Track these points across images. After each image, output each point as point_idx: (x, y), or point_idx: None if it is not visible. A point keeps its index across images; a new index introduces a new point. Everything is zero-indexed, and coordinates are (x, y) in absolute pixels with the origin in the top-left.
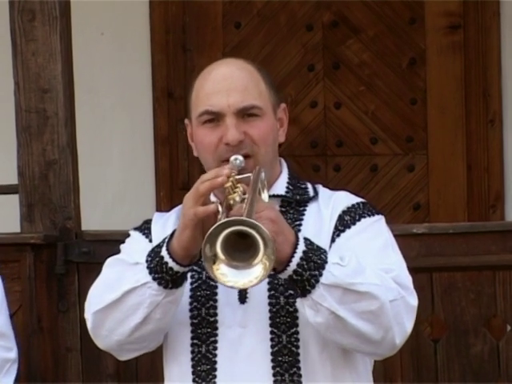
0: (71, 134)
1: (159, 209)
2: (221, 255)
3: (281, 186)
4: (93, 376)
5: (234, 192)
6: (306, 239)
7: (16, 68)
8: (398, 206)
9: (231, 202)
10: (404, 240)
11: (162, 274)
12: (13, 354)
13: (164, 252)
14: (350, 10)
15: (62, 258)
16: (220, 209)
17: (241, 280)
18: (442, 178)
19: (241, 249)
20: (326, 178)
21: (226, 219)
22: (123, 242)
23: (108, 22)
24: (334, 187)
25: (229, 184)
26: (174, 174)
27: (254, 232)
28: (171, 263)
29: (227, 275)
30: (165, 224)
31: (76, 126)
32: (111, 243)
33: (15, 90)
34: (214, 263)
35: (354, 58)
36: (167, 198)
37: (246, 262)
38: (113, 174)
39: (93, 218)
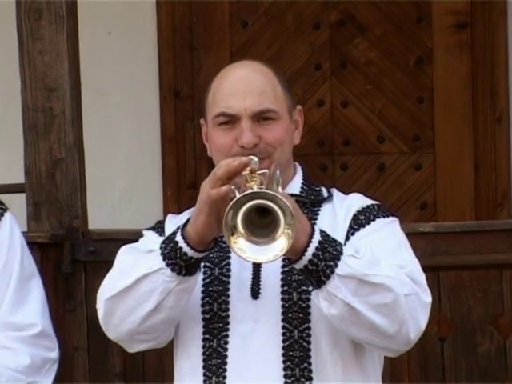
0: (78, 133)
1: (166, 207)
2: (240, 228)
3: (295, 187)
4: (99, 375)
5: (252, 180)
6: (321, 231)
7: (23, 67)
8: (404, 204)
9: (249, 189)
10: (411, 239)
11: (176, 260)
12: (54, 354)
13: (179, 237)
14: (357, 9)
15: (69, 257)
16: (238, 195)
17: (262, 256)
18: (449, 176)
19: (260, 227)
20: (333, 177)
21: (254, 190)
22: (130, 240)
23: (115, 21)
24: (341, 186)
25: (246, 172)
26: (181, 172)
27: (273, 205)
28: (186, 248)
29: (246, 251)
30: (178, 224)
31: (83, 124)
32: (118, 242)
33: (22, 89)
34: (232, 235)
35: (361, 57)
36: (174, 197)
37: (267, 237)
38: (120, 173)
39: (100, 217)
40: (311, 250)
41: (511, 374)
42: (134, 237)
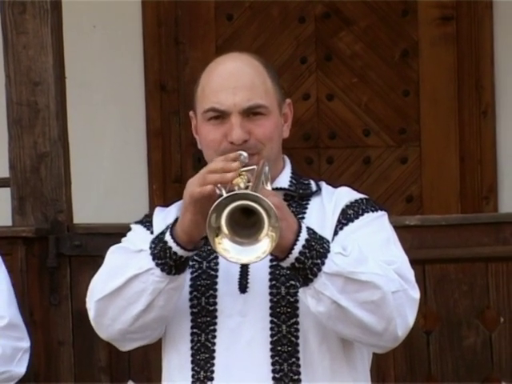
0: (63, 127)
1: (152, 202)
2: (224, 229)
3: (284, 180)
4: (85, 369)
5: (239, 178)
6: (308, 228)
7: (7, 61)
8: (390, 198)
9: (236, 188)
10: (396, 232)
11: (166, 260)
12: (24, 343)
13: (168, 237)
14: (342, 2)
15: (54, 251)
16: (224, 193)
17: (245, 257)
18: (434, 169)
19: (245, 227)
20: (318, 170)
21: (235, 192)
22: (115, 234)
23: (100, 15)
24: (326, 179)
25: None
26: (167, 166)
27: (257, 206)
28: (175, 248)
29: (230, 251)
30: (166, 217)
31: (68, 118)
32: (103, 236)
33: (6, 83)
34: (217, 236)
35: (347, 50)
36: (160, 191)
37: (251, 237)
38: (105, 167)
39: (85, 211)
40: (298, 248)
41: (497, 367)
42: (119, 231)
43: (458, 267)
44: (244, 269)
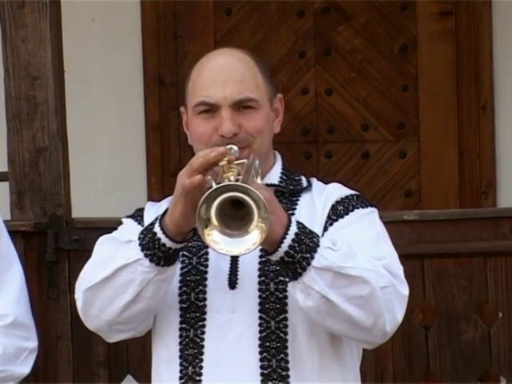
0: (61, 121)
1: (150, 196)
2: (214, 221)
3: (274, 176)
4: (83, 364)
5: (229, 171)
6: (298, 222)
7: (6, 55)
8: (389, 192)
9: (226, 180)
10: (395, 227)
11: (155, 251)
12: (30, 343)
13: (157, 228)
14: None
15: (53, 245)
16: (214, 185)
17: (235, 248)
18: (433, 164)
19: (235, 219)
20: (317, 165)
21: (225, 183)
22: (114, 229)
23: (99, 9)
24: (325, 174)
25: (224, 163)
26: (166, 160)
27: (246, 197)
28: (164, 239)
29: (219, 243)
30: (157, 212)
31: (67, 113)
32: (102, 231)
33: (5, 77)
34: (206, 227)
35: (346, 45)
36: (158, 185)
37: (241, 229)
38: (104, 161)
39: (83, 206)
40: (287, 241)
41: (495, 362)
42: (117, 225)
43: (457, 262)
44: (234, 265)
